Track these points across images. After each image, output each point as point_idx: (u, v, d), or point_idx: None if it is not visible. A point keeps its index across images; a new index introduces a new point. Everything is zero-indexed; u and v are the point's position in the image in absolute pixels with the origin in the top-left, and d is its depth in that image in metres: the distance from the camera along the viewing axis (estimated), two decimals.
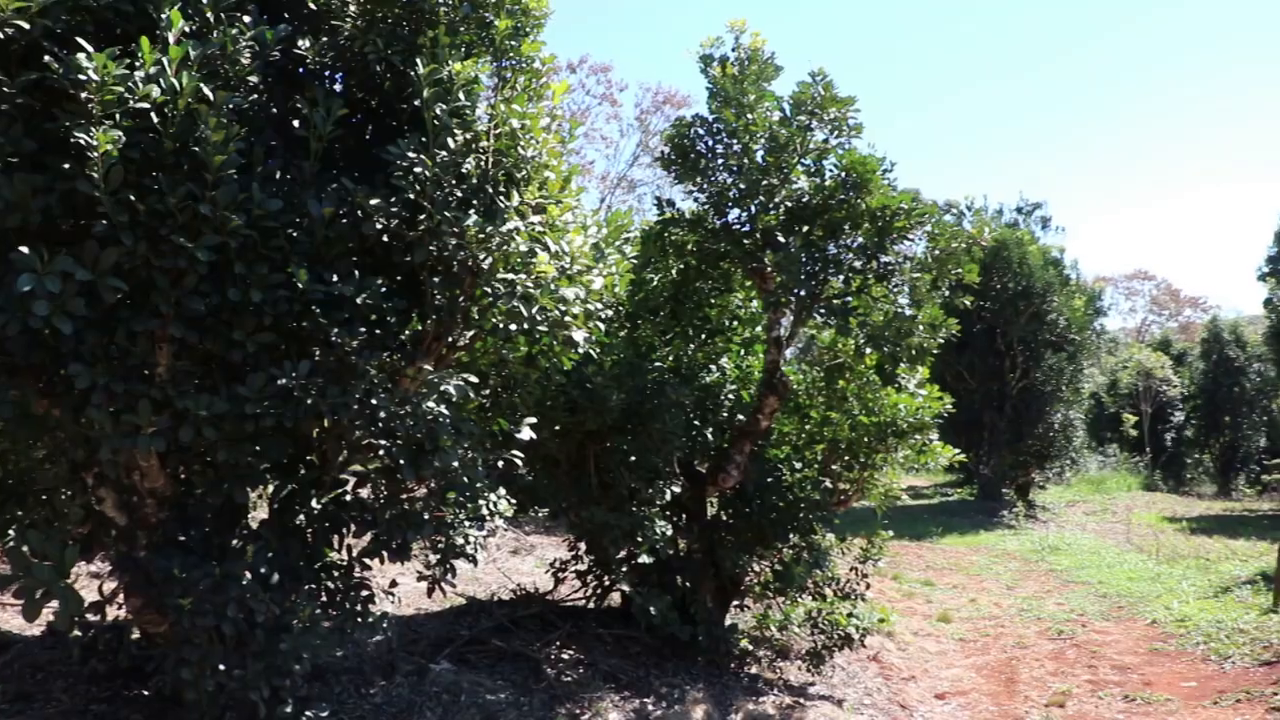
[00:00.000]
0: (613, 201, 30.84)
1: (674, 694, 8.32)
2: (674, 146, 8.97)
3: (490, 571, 11.93)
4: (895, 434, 9.29)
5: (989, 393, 28.87)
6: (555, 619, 9.34)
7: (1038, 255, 29.05)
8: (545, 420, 7.71)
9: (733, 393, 9.78)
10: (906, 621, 13.34)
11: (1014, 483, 30.13)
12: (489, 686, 7.61)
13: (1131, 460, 42.96)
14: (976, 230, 8.83)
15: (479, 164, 5.69)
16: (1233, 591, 15.22)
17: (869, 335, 8.76)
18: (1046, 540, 22.97)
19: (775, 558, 9.60)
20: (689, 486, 9.45)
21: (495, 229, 5.51)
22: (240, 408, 4.93)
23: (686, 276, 9.42)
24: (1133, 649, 12.25)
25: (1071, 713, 9.68)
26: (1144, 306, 73.69)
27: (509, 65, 6.21)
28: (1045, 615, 14.39)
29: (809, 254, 8.64)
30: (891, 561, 17.85)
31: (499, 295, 5.72)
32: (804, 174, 8.78)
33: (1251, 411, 42.70)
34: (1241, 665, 10.69)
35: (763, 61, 8.73)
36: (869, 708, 9.42)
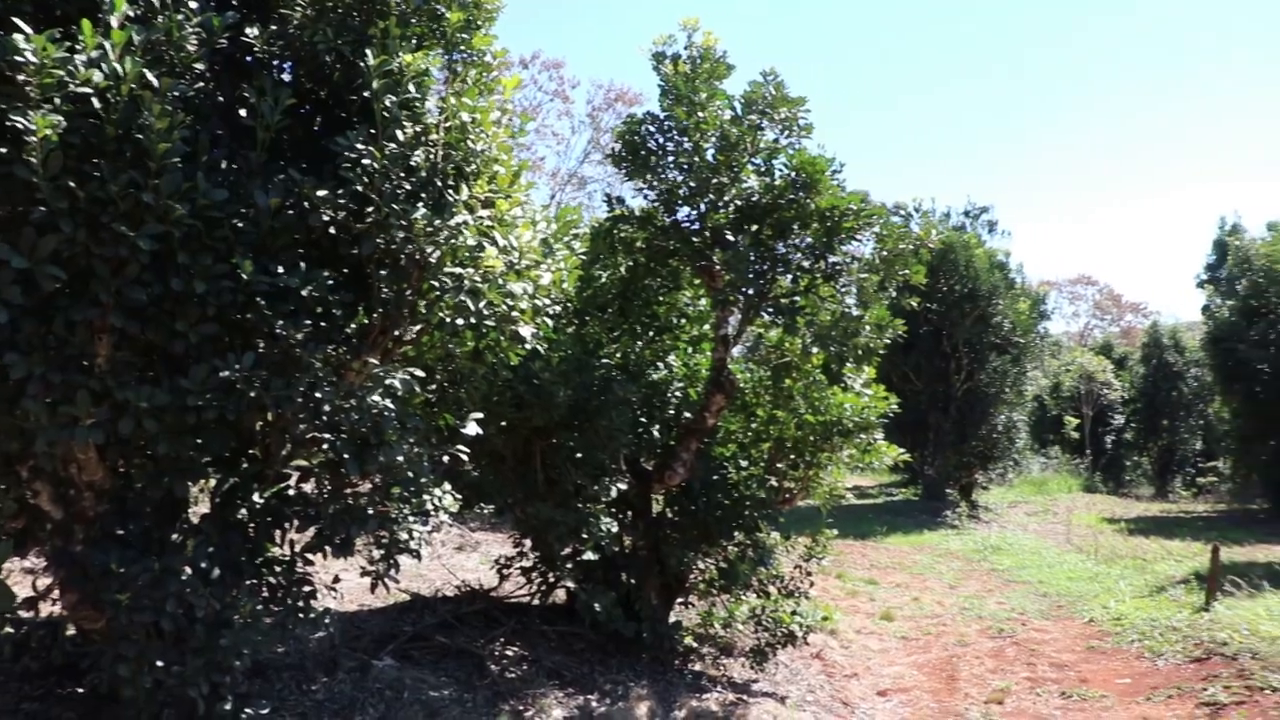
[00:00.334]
0: (563, 198, 30.81)
1: (618, 690, 8.32)
2: (625, 143, 8.95)
3: (435, 568, 11.86)
4: (841, 433, 9.34)
5: (934, 394, 29.12)
6: (500, 615, 9.31)
7: (984, 259, 29.34)
8: (492, 416, 7.67)
9: (680, 390, 9.79)
10: (850, 619, 13.43)
11: (958, 483, 30.41)
12: (432, 683, 7.57)
13: (1073, 462, 43.56)
14: (924, 232, 8.87)
15: (428, 157, 5.65)
16: (1167, 591, 15.47)
17: (816, 335, 8.79)
18: (989, 540, 23.22)
19: (720, 555, 9.64)
20: (635, 484, 9.45)
21: (443, 222, 5.47)
22: (182, 400, 4.85)
23: (635, 274, 9.41)
24: (1071, 647, 12.43)
25: (1010, 709, 9.80)
26: (1087, 311, 74.76)
27: (460, 58, 6.17)
28: (986, 614, 14.55)
29: (758, 253, 8.67)
30: (836, 560, 17.93)
31: (446, 289, 5.67)
32: (754, 173, 8.79)
33: (1189, 415, 43.49)
34: (1174, 662, 10.87)
35: (714, 60, 8.73)
36: (812, 704, 9.47)
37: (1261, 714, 8.43)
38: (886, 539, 22.78)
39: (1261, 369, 31.79)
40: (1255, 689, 9.03)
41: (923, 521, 26.13)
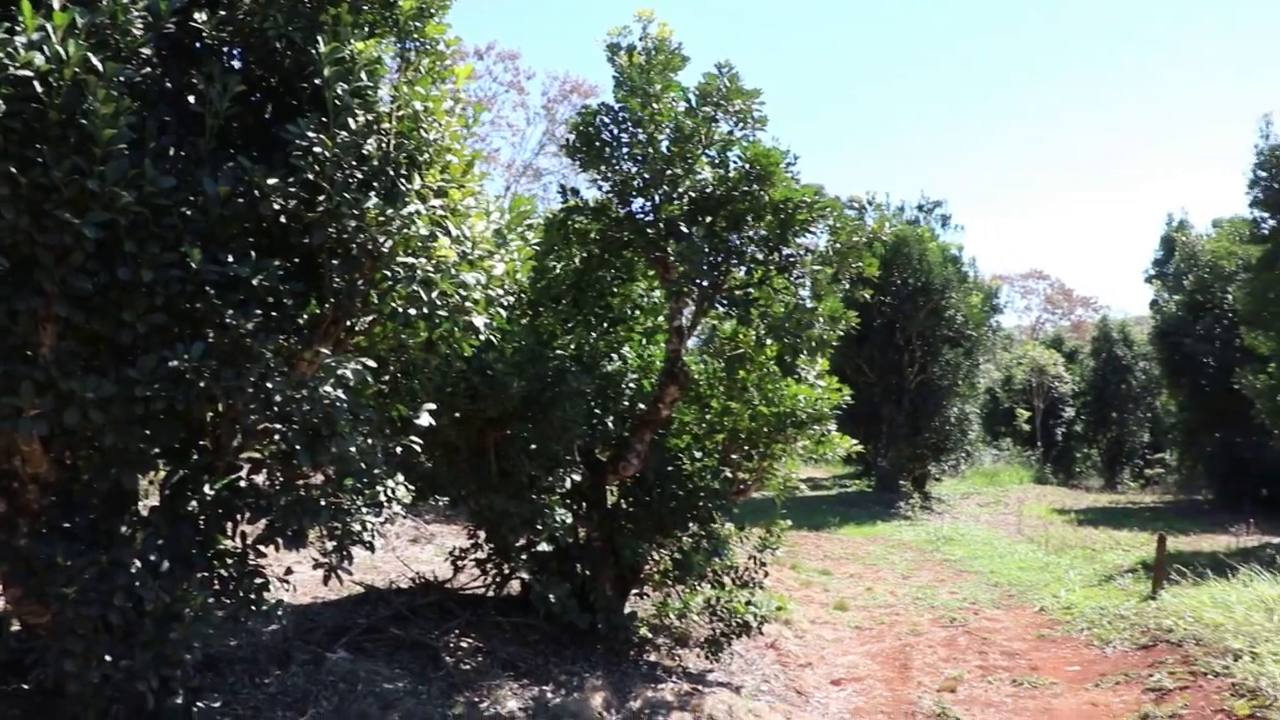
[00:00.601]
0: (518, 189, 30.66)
1: (573, 681, 8.32)
2: (579, 134, 8.94)
3: (389, 560, 11.80)
4: (794, 424, 9.38)
5: (887, 386, 29.29)
6: (454, 607, 9.26)
7: (937, 252, 29.54)
8: (445, 407, 7.63)
9: (634, 382, 9.80)
10: (804, 610, 13.51)
11: (911, 475, 30.62)
12: (386, 675, 7.53)
13: (1024, 454, 44.04)
14: (877, 225, 8.93)
15: (380, 145, 5.60)
16: (1115, 580, 15.70)
17: (770, 326, 8.82)
18: (941, 531, 23.45)
19: (675, 546, 9.66)
20: (589, 475, 9.45)
21: (396, 212, 5.43)
22: (130, 390, 4.78)
23: (589, 265, 9.40)
24: (1021, 635, 12.58)
25: (962, 697, 9.90)
26: (1038, 305, 75.49)
27: (413, 46, 6.11)
28: (939, 603, 14.69)
29: (712, 244, 8.69)
30: (790, 551, 18.05)
31: (399, 279, 5.63)
32: (708, 165, 8.81)
33: (1137, 408, 44.07)
34: (1122, 649, 11.03)
35: (669, 51, 8.73)
36: (766, 694, 9.52)
37: (1204, 698, 8.57)
38: (840, 530, 22.92)
39: (1207, 363, 32.26)
40: (1199, 674, 9.18)
41: (876, 513, 26.32)
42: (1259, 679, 8.33)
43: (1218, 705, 8.29)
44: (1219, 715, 8.08)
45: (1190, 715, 8.34)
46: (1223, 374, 29.03)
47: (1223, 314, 31.98)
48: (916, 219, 34.47)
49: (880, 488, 30.37)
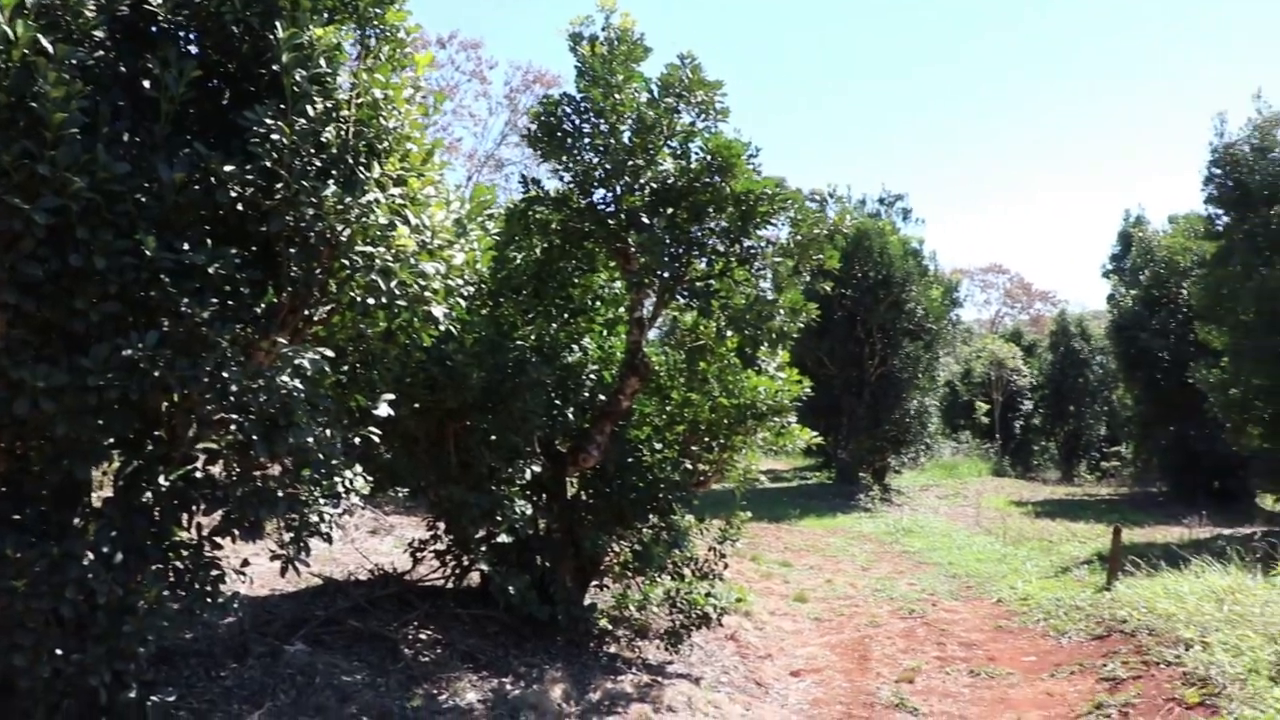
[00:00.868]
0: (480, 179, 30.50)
1: (532, 673, 8.31)
2: (541, 124, 8.90)
3: (348, 552, 11.72)
4: (755, 416, 9.40)
5: (848, 378, 29.44)
6: (413, 599, 9.23)
7: (898, 246, 29.71)
8: (405, 397, 7.59)
9: (595, 373, 9.78)
10: (764, 601, 13.55)
11: (870, 467, 30.80)
12: (345, 668, 7.49)
13: (983, 446, 44.43)
14: (839, 218, 8.95)
15: (339, 133, 5.54)
16: (1072, 571, 15.88)
17: (730, 318, 8.82)
18: (901, 523, 23.61)
19: (635, 538, 9.66)
20: (549, 466, 9.42)
21: (354, 200, 5.38)
22: (82, 380, 4.70)
23: (550, 255, 9.36)
24: (979, 626, 12.68)
25: (920, 687, 9.96)
26: (998, 299, 76.08)
27: (373, 33, 6.04)
28: (898, 595, 14.78)
29: (673, 236, 8.67)
30: (750, 543, 18.09)
31: (357, 268, 5.58)
32: (670, 156, 8.80)
33: (1094, 402, 44.56)
34: (1077, 640, 11.14)
35: (632, 42, 8.71)
36: (726, 685, 9.54)
37: (1156, 687, 8.66)
38: (800, 522, 23.02)
39: (1162, 357, 32.66)
40: (1151, 663, 9.28)
41: (836, 504, 26.47)
42: (1209, 668, 8.44)
43: (1169, 694, 8.38)
44: (1170, 704, 8.17)
45: (1142, 704, 8.43)
46: (1177, 368, 29.42)
47: (1178, 309, 32.38)
48: (878, 212, 34.71)
49: (840, 480, 30.52)
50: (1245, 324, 22.47)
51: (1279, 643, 8.49)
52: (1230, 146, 23.53)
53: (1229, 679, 8.10)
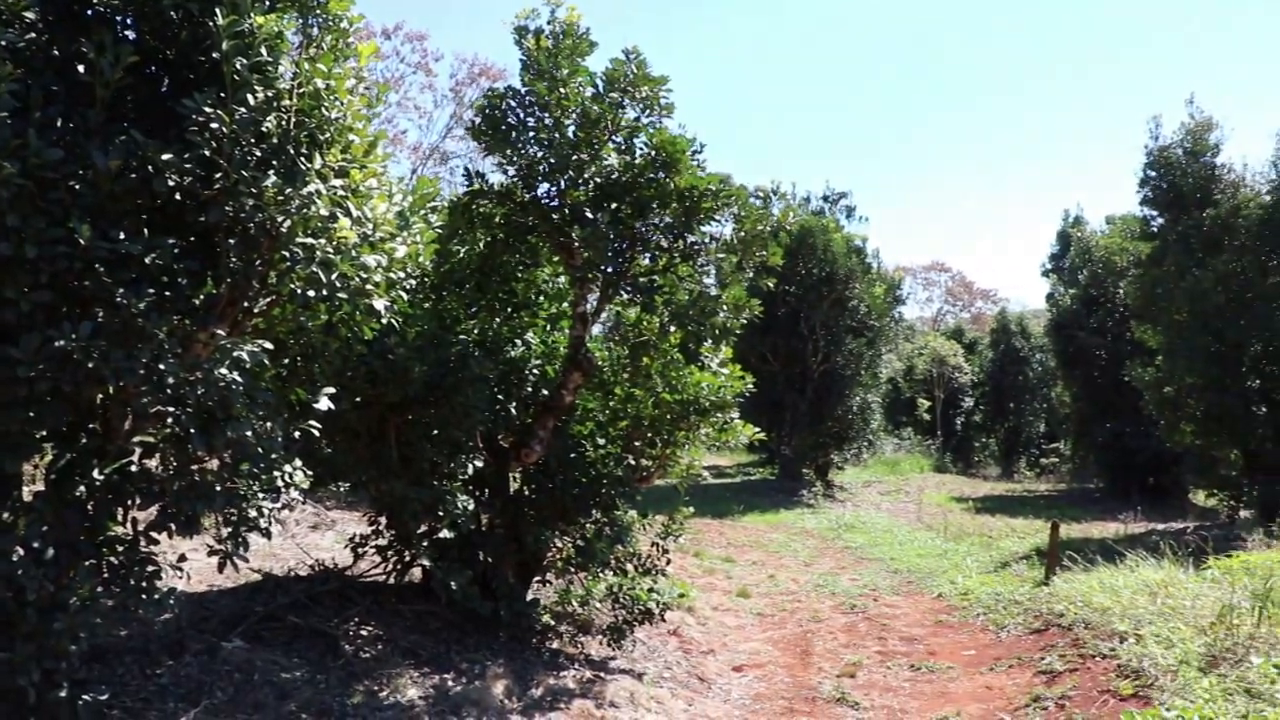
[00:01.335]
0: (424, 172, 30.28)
1: (474, 669, 8.26)
2: (485, 117, 8.86)
3: (288, 547, 11.59)
4: (697, 412, 9.42)
5: (791, 375, 29.62)
6: (355, 595, 9.14)
7: (841, 243, 29.93)
8: (346, 391, 7.51)
9: (538, 368, 9.75)
10: (707, 597, 13.59)
11: (814, 463, 31.03)
12: (284, 664, 7.40)
13: (924, 443, 44.94)
14: (782, 215, 8.99)
15: (280, 123, 5.47)
16: (1011, 566, 16.08)
17: (674, 313, 8.85)
18: (843, 519, 23.80)
19: (578, 533, 9.65)
20: (492, 461, 9.39)
21: (295, 191, 5.32)
22: (12, 370, 4.60)
23: (494, 249, 9.33)
24: (920, 621, 12.80)
25: (861, 682, 10.04)
26: (940, 297, 76.95)
27: (315, 23, 5.97)
28: (840, 590, 14.90)
29: (617, 231, 8.67)
30: (694, 538, 18.18)
31: (297, 260, 5.51)
32: (614, 151, 8.80)
33: (1033, 399, 45.27)
34: (1016, 634, 11.29)
35: (577, 36, 8.69)
36: (669, 681, 9.55)
37: (1091, 679, 8.79)
38: (744, 518, 23.14)
39: (1099, 355, 33.22)
40: (1087, 656, 9.41)
41: (779, 500, 26.63)
42: (1142, 660, 8.57)
43: (1104, 686, 8.51)
44: (1105, 696, 8.29)
45: (1078, 696, 8.55)
46: (1114, 366, 29.94)
47: (1115, 308, 32.96)
48: (822, 210, 34.94)
49: (783, 476, 30.72)
50: (1178, 323, 22.90)
51: (1209, 634, 8.65)
52: (1165, 150, 23.98)
53: (1161, 670, 8.23)
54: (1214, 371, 22.10)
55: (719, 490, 28.00)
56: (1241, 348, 22.17)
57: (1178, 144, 23.90)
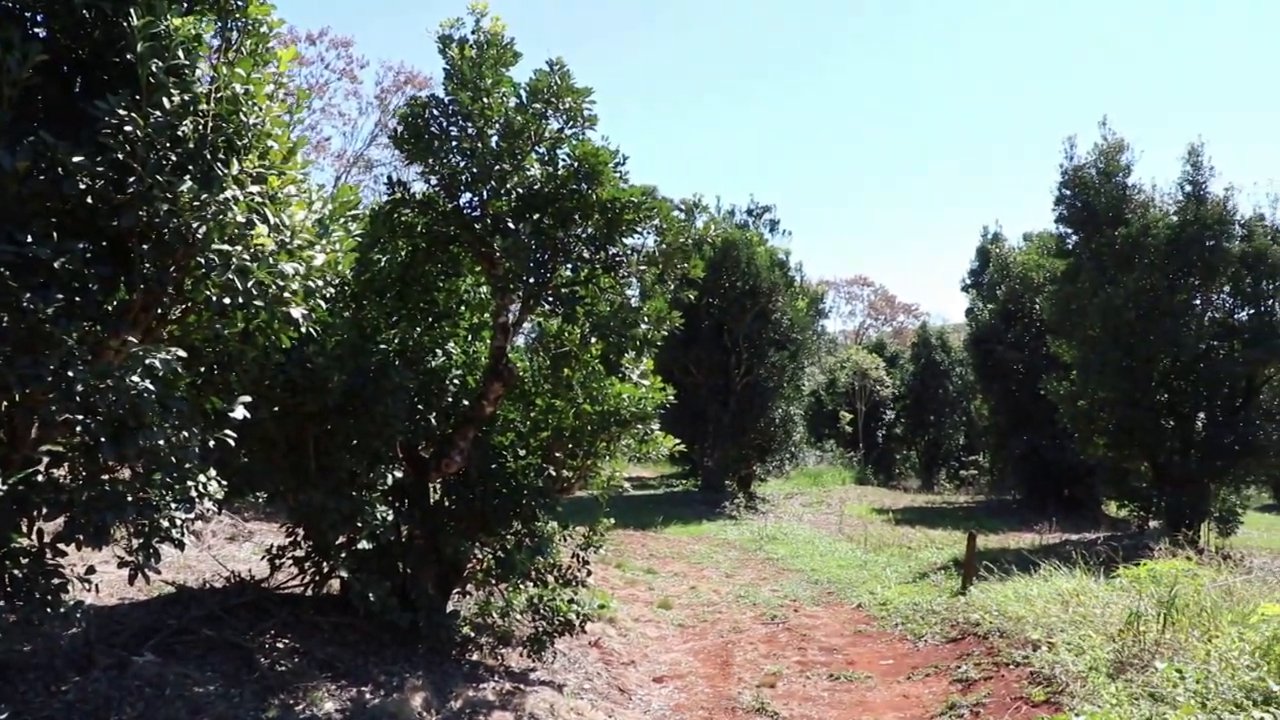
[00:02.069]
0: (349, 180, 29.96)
1: (393, 682, 8.18)
2: (407, 125, 8.80)
3: (204, 559, 11.40)
4: (618, 423, 9.43)
5: (714, 387, 29.76)
6: (271, 607, 9.00)
7: (765, 256, 30.16)
8: (263, 400, 7.41)
9: (459, 378, 9.70)
10: (629, 608, 13.61)
11: (736, 475, 31.19)
12: (197, 678, 7.26)
13: (846, 455, 45.41)
14: (704, 229, 9.07)
15: (197, 127, 5.41)
16: (929, 577, 16.32)
17: (595, 325, 8.87)
18: (765, 530, 23.94)
19: (498, 544, 9.60)
20: (412, 471, 9.32)
21: (211, 197, 5.25)
22: None
23: (415, 259, 9.27)
24: (839, 631, 12.93)
25: (781, 692, 10.11)
26: (863, 310, 77.72)
27: (235, 26, 5.92)
28: (761, 601, 14.99)
29: (538, 241, 8.67)
30: (616, 550, 18.19)
31: (213, 267, 5.44)
32: (537, 162, 8.81)
33: (953, 412, 45.99)
34: (933, 643, 11.45)
35: (502, 46, 8.67)
36: (589, 692, 9.55)
37: (1005, 686, 8.95)
38: (666, 529, 23.18)
39: (1017, 369, 33.86)
40: (1002, 664, 9.59)
41: (702, 512, 26.73)
42: (1054, 667, 8.76)
43: (1017, 693, 8.67)
44: (1018, 702, 8.45)
45: (992, 703, 8.70)
46: (1031, 380, 30.54)
47: (1031, 323, 33.62)
48: (746, 223, 35.19)
49: (706, 487, 30.84)
50: (1092, 339, 23.45)
51: (1117, 641, 8.86)
52: (1079, 170, 24.57)
53: (1072, 677, 8.42)
54: (1125, 386, 22.65)
55: (642, 502, 28.05)
56: (1151, 363, 22.76)
57: (1091, 164, 24.51)
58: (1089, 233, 24.51)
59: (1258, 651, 7.42)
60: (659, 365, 10.08)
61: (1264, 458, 22.76)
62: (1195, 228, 22.52)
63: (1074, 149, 24.90)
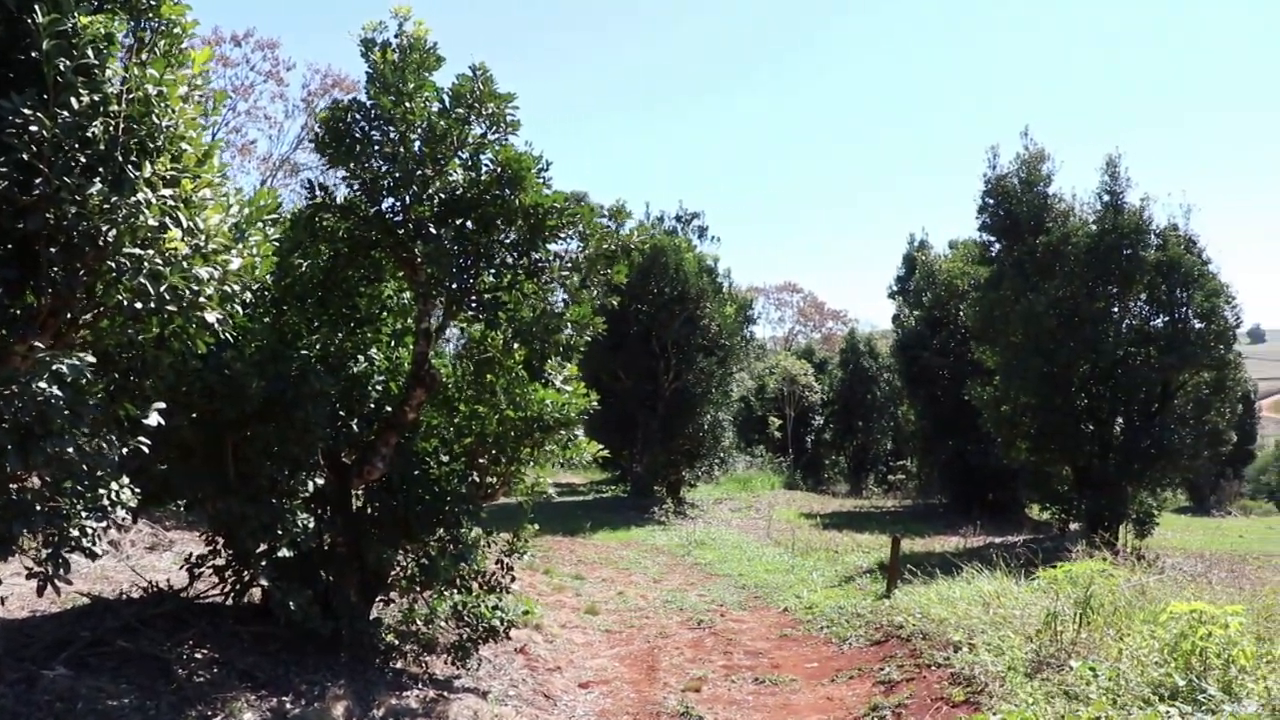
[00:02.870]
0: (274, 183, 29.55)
1: (314, 691, 8.10)
2: (329, 130, 8.73)
3: (122, 569, 11.19)
4: (541, 429, 9.42)
5: (643, 393, 29.82)
6: (190, 617, 8.87)
7: (693, 263, 30.29)
8: (181, 407, 7.31)
9: (381, 384, 9.63)
10: (555, 614, 13.59)
11: (665, 480, 31.26)
12: (111, 691, 7.13)
13: (776, 460, 45.72)
14: (628, 235, 9.08)
15: (108, 129, 5.31)
16: (855, 580, 16.48)
17: (517, 330, 8.86)
18: (694, 535, 24.03)
19: (421, 551, 9.54)
20: (334, 478, 9.23)
21: (122, 200, 5.17)
22: None
23: (337, 264, 9.19)
24: (765, 635, 13.02)
25: (706, 696, 10.16)
26: (792, 317, 78.40)
27: (147, 26, 5.83)
28: (688, 606, 15.05)
29: (461, 247, 8.65)
30: (544, 556, 18.16)
31: (124, 271, 5.35)
32: (460, 167, 8.79)
33: (881, 417, 46.56)
34: (858, 646, 11.58)
35: (424, 50, 8.62)
36: (514, 699, 9.52)
37: (927, 687, 9.08)
38: (595, 535, 23.18)
39: (943, 374, 34.36)
40: (924, 666, 9.73)
41: (631, 518, 26.77)
42: (974, 668, 8.91)
43: (938, 694, 8.80)
44: (938, 703, 8.57)
45: (914, 704, 8.82)
46: (956, 386, 30.98)
47: (956, 329, 34.12)
48: (675, 229, 35.28)
49: (635, 493, 30.88)
50: (1014, 345, 23.87)
51: (1035, 641, 9.04)
52: (1002, 179, 25.03)
53: (991, 677, 8.57)
54: (1046, 391, 23.09)
55: (571, 507, 28.01)
56: (1071, 368, 23.22)
57: (1014, 173, 24.97)
58: (1011, 241, 24.96)
59: (1166, 649, 7.61)
60: (587, 371, 10.09)
61: (1178, 460, 23.34)
62: (1113, 236, 23.02)
63: (997, 158, 25.38)
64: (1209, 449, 24.52)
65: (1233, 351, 24.18)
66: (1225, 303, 23.28)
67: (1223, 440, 24.95)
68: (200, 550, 9.57)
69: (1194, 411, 23.71)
